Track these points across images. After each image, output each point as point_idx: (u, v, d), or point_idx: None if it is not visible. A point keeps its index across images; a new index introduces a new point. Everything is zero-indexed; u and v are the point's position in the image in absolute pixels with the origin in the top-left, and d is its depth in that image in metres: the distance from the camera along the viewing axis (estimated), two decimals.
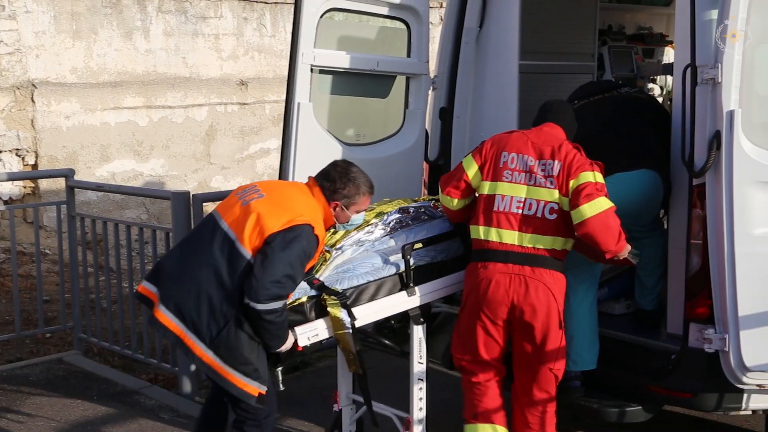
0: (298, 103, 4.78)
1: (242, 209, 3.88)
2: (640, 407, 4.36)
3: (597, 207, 3.92)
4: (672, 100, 4.44)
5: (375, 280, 4.15)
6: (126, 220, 8.05)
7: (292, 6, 4.67)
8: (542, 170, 4.10)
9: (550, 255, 4.08)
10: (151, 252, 5.96)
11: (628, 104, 4.81)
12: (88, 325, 6.57)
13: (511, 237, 4.10)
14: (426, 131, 5.42)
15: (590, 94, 5.01)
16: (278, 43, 11.73)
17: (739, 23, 3.73)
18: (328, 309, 3.97)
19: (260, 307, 3.66)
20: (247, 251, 3.78)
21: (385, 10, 5.16)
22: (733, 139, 3.78)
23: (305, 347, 3.98)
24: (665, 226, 4.67)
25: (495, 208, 4.15)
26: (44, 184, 9.44)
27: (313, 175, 4.18)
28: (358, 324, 4.03)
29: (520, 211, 4.10)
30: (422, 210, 4.54)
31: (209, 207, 8.54)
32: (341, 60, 5.02)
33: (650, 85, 7.07)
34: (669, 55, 7.25)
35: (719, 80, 3.79)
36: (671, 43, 7.16)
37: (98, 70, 10.20)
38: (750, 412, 4.30)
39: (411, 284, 4.22)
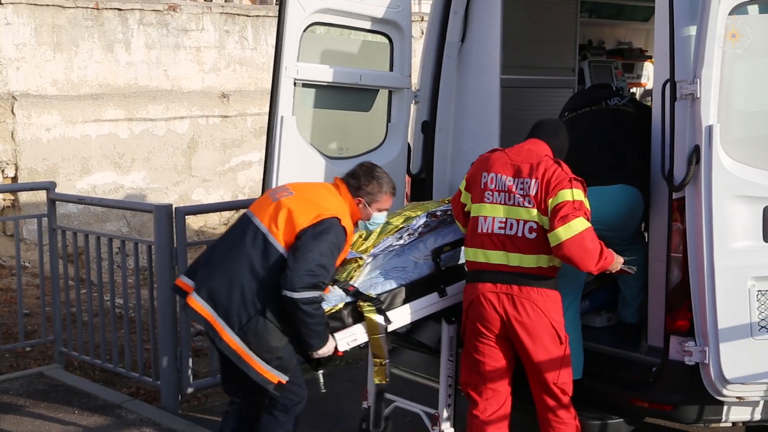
0: (282, 117, 4.80)
1: (274, 206, 4.10)
2: (622, 420, 4.39)
3: (572, 230, 3.93)
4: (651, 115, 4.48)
5: (407, 284, 4.32)
6: (108, 233, 8.01)
7: (274, 19, 4.70)
8: (520, 189, 4.12)
9: (537, 273, 4.10)
10: (132, 265, 5.94)
11: (612, 118, 4.85)
12: (69, 339, 6.52)
13: (497, 257, 4.14)
14: (408, 144, 5.44)
15: (578, 107, 5.06)
16: (260, 56, 11.74)
17: (717, 39, 3.78)
18: (365, 314, 4.15)
19: (296, 295, 3.85)
20: (279, 245, 4.01)
21: (367, 25, 5.19)
22: (712, 153, 3.82)
23: (345, 352, 4.17)
24: (646, 239, 4.71)
25: (479, 230, 4.20)
26: (24, 196, 9.38)
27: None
28: (392, 327, 4.23)
29: (502, 231, 4.13)
30: (449, 213, 4.65)
31: (192, 220, 8.57)
32: (324, 74, 5.04)
33: None
34: (648, 70, 7.33)
35: (698, 95, 3.84)
36: (650, 58, 7.23)
37: (79, 83, 10.17)
38: (730, 424, 4.33)
39: (442, 285, 4.35)
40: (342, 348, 4.13)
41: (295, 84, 4.88)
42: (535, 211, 4.06)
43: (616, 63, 7.02)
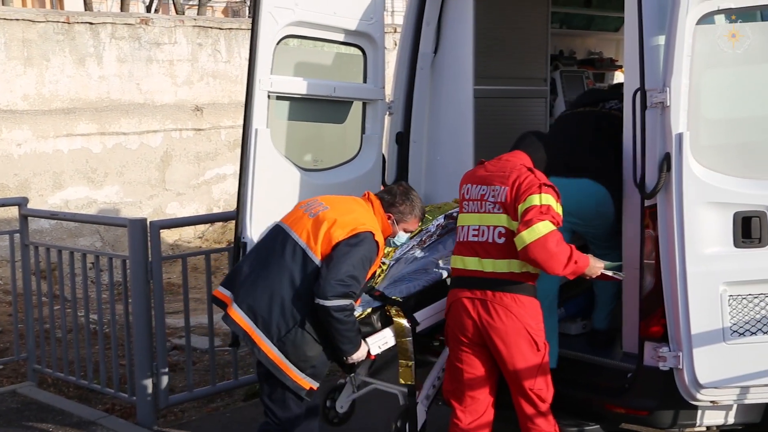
0: (256, 129, 4.80)
1: (312, 221, 4.24)
2: (598, 426, 4.42)
3: (535, 233, 3.96)
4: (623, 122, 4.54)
5: (431, 285, 4.47)
6: (81, 248, 7.95)
7: (247, 32, 4.72)
8: (491, 197, 4.20)
9: (510, 278, 4.13)
10: (107, 280, 5.90)
11: (599, 120, 4.92)
12: (43, 356, 6.46)
13: (472, 263, 4.20)
14: (383, 156, 5.46)
15: (576, 106, 5.20)
16: (233, 68, 11.74)
17: (686, 49, 3.84)
18: (393, 318, 4.33)
19: (328, 303, 4.02)
20: (317, 258, 4.16)
21: (341, 37, 5.21)
22: (683, 161, 3.87)
23: (377, 355, 4.34)
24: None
25: (458, 239, 4.31)
26: None
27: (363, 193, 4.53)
28: (420, 328, 4.39)
29: (475, 238, 4.21)
30: None
31: (166, 234, 8.53)
32: (298, 86, 5.05)
33: None
34: (619, 80, 7.40)
35: (668, 104, 3.89)
36: (621, 67, 7.30)
37: (50, 97, 10.11)
38: (704, 429, 4.38)
39: None
40: (374, 352, 4.30)
41: (269, 97, 4.88)
42: (504, 217, 4.13)
43: (587, 73, 7.09)
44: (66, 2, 33.83)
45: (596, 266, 4.15)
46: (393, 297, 4.38)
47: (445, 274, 4.50)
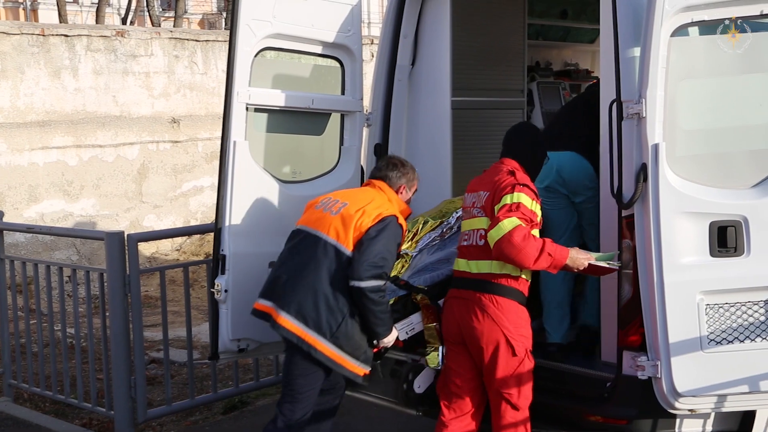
0: (234, 142, 4.80)
1: (337, 218, 4.42)
2: None
3: (501, 229, 4.05)
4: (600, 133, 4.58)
5: (453, 274, 4.56)
6: (58, 262, 7.89)
7: (224, 44, 4.73)
8: (477, 203, 4.34)
9: (490, 279, 4.21)
10: (84, 293, 5.86)
11: (593, 108, 5.00)
12: (19, 371, 6.39)
13: (462, 265, 4.34)
14: (362, 167, 5.47)
15: (579, 95, 5.51)
16: (210, 80, 11.71)
17: (660, 60, 3.89)
18: (420, 305, 4.53)
19: (363, 284, 4.24)
20: (349, 250, 4.35)
21: (318, 49, 5.22)
22: (659, 171, 3.91)
23: (405, 341, 4.55)
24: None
25: (457, 245, 4.48)
26: None
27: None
28: None
29: (465, 242, 4.35)
30: None
31: (143, 246, 8.48)
32: (276, 98, 5.05)
33: None
34: None
35: (644, 115, 3.93)
36: (597, 78, 7.36)
37: (25, 110, 10.04)
38: None
39: None
40: (402, 337, 4.52)
41: (247, 109, 4.88)
42: (485, 219, 4.24)
43: (564, 84, 7.15)
44: (41, 14, 33.66)
45: (579, 257, 4.15)
46: (418, 286, 4.59)
47: None
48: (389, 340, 4.45)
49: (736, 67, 4.07)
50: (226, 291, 4.82)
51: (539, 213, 4.22)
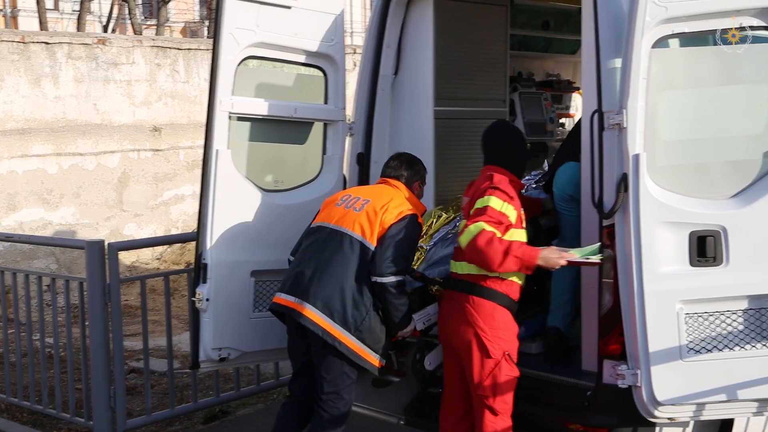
0: (217, 150, 4.80)
1: (361, 214, 4.54)
2: None
3: (467, 234, 4.12)
4: (581, 144, 4.61)
5: None
6: (37, 271, 7.83)
7: (206, 52, 4.74)
8: (465, 206, 4.46)
9: (469, 280, 4.29)
10: (63, 303, 5.82)
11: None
12: None
13: (453, 266, 4.46)
14: (344, 177, 5.47)
15: None
16: (192, 88, 11.68)
17: (641, 71, 3.92)
18: (436, 296, 4.66)
19: (385, 280, 4.40)
20: (373, 245, 4.48)
21: (302, 58, 5.23)
22: (639, 181, 3.94)
23: (422, 331, 4.65)
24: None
25: None
26: None
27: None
28: None
29: (456, 243, 4.44)
30: None
31: (123, 255, 8.43)
32: (259, 107, 5.05)
33: (559, 130, 7.30)
34: (577, 101, 7.51)
35: (625, 125, 3.96)
36: (578, 89, 7.42)
37: (5, 118, 9.97)
38: None
39: None
40: (419, 327, 4.62)
41: (230, 118, 4.88)
42: (464, 223, 4.33)
43: (546, 94, 7.18)
44: (21, 22, 33.49)
45: (552, 257, 4.15)
46: (434, 278, 4.75)
47: None
48: (407, 331, 4.57)
49: (716, 79, 4.12)
50: (207, 300, 4.81)
51: (512, 214, 4.23)
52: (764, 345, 3.99)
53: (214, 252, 4.83)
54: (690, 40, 4.09)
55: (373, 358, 4.51)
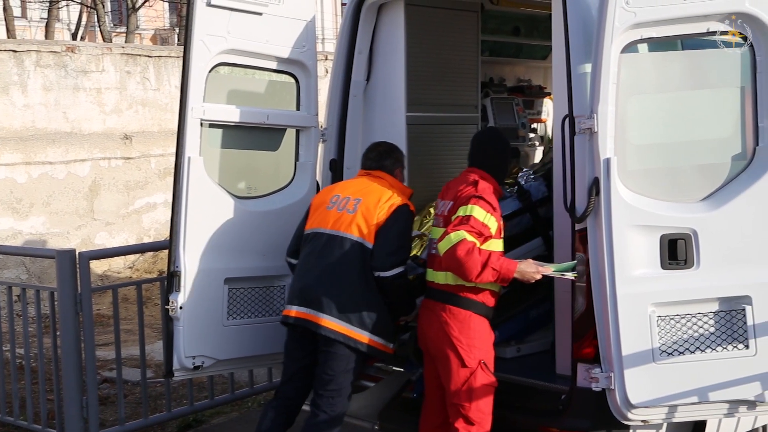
0: (189, 158, 4.77)
1: (356, 216, 4.58)
2: None
3: (447, 242, 4.13)
4: (552, 148, 4.64)
5: None
6: (7, 281, 7.74)
7: (177, 59, 4.72)
8: (440, 211, 4.46)
9: (447, 290, 4.31)
10: (34, 313, 5.76)
11: None
12: None
13: (430, 274, 4.46)
14: (317, 183, 5.46)
15: None
16: (163, 96, 11.61)
17: (611, 76, 3.96)
18: None
19: (388, 274, 4.50)
20: (371, 243, 4.54)
21: (273, 65, 5.21)
22: (611, 185, 3.97)
23: None
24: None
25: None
26: None
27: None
28: None
29: (432, 251, 4.45)
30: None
31: (95, 264, 8.36)
32: (231, 114, 5.03)
33: (531, 135, 7.34)
34: (548, 106, 7.55)
35: (596, 130, 3.98)
36: (549, 94, 7.45)
37: None
38: None
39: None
40: None
41: (201, 125, 4.86)
42: (441, 230, 4.32)
43: (517, 100, 7.21)
44: None
45: (528, 271, 4.19)
46: None
47: None
48: (412, 316, 4.67)
49: (684, 83, 4.17)
50: (180, 308, 4.78)
51: (494, 225, 4.25)
52: (735, 347, 4.03)
53: (187, 260, 4.80)
54: (658, 45, 4.13)
55: (388, 348, 4.63)
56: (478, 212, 4.19)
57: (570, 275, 4.19)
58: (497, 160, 4.57)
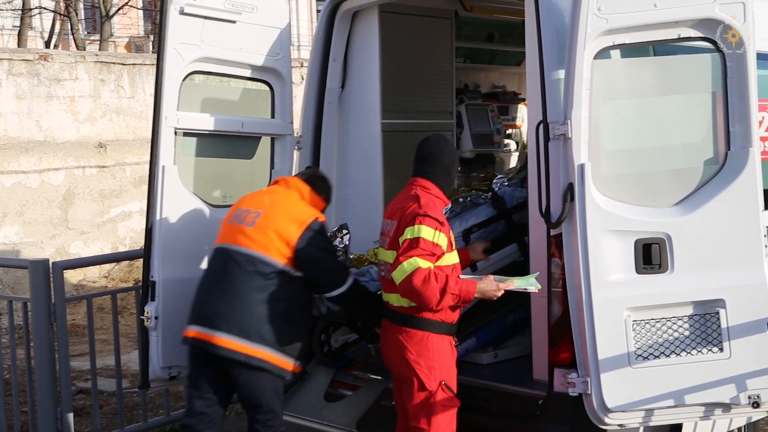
0: (163, 166, 4.75)
1: (253, 230, 4.38)
2: None
3: (402, 272, 3.97)
4: (528, 154, 4.66)
5: None
6: None
7: (151, 67, 4.70)
8: (387, 231, 4.27)
9: (406, 313, 4.14)
10: (7, 324, 5.69)
11: None
12: None
13: (384, 296, 4.31)
14: None
15: None
16: (137, 104, 11.55)
17: (584, 82, 3.98)
18: None
19: (345, 287, 4.40)
20: (275, 260, 4.35)
21: (247, 73, 5.20)
22: (585, 190, 3.99)
23: None
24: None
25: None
26: None
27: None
28: None
29: (382, 273, 4.32)
30: (468, 199, 5.29)
31: (70, 274, 8.29)
32: (205, 122, 5.02)
33: (506, 141, 7.37)
34: (522, 112, 7.59)
35: (569, 136, 4.00)
36: (524, 100, 7.49)
37: None
38: None
39: (474, 261, 4.83)
40: None
41: (176, 133, 4.84)
42: (390, 253, 4.17)
43: (492, 106, 7.24)
44: None
45: (489, 289, 4.08)
46: None
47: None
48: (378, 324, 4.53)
49: (656, 89, 4.20)
50: (156, 318, 4.75)
51: (444, 241, 4.06)
52: (709, 350, 4.06)
53: (162, 269, 4.77)
54: (631, 51, 4.17)
55: (293, 365, 4.47)
56: (426, 232, 3.99)
57: (533, 288, 4.13)
58: (439, 168, 4.28)
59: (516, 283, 4.14)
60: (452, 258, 4.14)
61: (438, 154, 4.31)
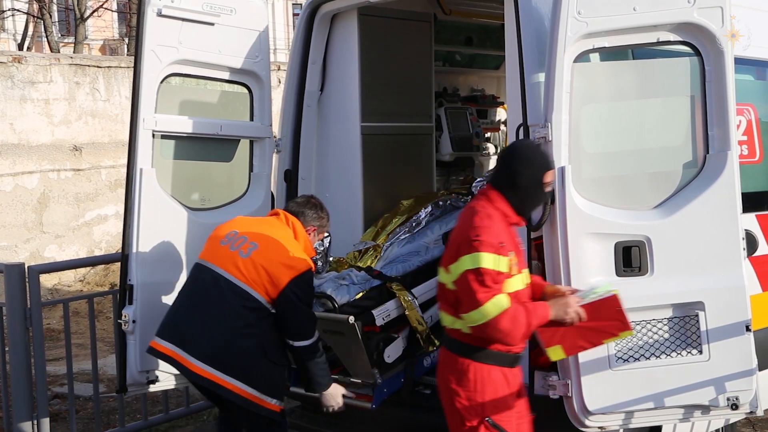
0: (140, 169, 4.71)
1: (245, 261, 4.29)
2: None
3: (484, 316, 3.57)
4: None
5: (423, 265, 4.95)
6: None
7: (126, 70, 4.65)
8: (447, 247, 3.88)
9: (457, 338, 3.76)
10: None
11: None
12: None
13: (443, 318, 3.88)
14: (272, 194, 5.43)
15: None
16: (113, 107, 11.46)
17: (564, 85, 3.99)
18: (396, 293, 4.72)
19: (311, 341, 4.33)
20: (261, 297, 4.27)
21: (226, 75, 5.17)
22: (565, 193, 4.00)
23: (381, 327, 4.65)
24: None
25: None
26: None
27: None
28: (418, 302, 4.75)
29: (438, 290, 3.94)
30: (449, 203, 5.40)
31: (45, 278, 8.20)
32: (183, 125, 4.98)
33: (486, 144, 7.38)
34: (501, 115, 7.61)
35: (550, 138, 4.01)
36: (503, 104, 7.51)
37: None
38: None
39: None
40: (378, 323, 4.60)
41: (153, 136, 4.80)
42: (448, 277, 3.75)
43: (471, 109, 7.25)
44: None
45: (564, 309, 3.72)
46: (392, 275, 4.84)
47: (437, 254, 4.80)
48: (333, 394, 4.44)
49: (635, 92, 4.22)
50: (134, 322, 4.72)
51: (505, 265, 3.62)
52: (689, 352, 4.08)
53: (140, 273, 4.73)
54: (610, 54, 4.18)
55: (271, 404, 4.31)
56: (486, 261, 3.54)
57: (605, 294, 3.79)
58: (513, 181, 3.73)
59: (588, 297, 3.81)
60: (517, 283, 3.71)
61: (506, 162, 3.83)
